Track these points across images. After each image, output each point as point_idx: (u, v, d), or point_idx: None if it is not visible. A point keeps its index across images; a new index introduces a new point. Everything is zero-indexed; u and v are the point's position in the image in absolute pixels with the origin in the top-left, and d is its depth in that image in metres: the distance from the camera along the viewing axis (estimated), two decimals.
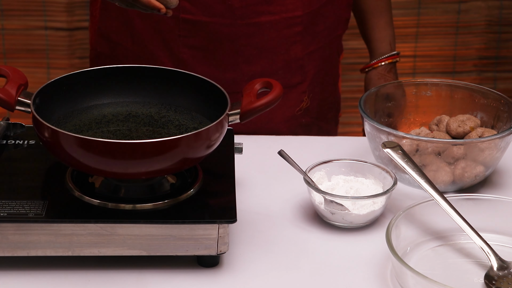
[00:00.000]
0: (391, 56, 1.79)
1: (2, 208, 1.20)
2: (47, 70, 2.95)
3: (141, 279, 1.21)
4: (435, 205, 1.28)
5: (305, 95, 1.71)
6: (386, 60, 1.78)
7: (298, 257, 1.27)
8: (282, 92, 1.27)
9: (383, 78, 1.78)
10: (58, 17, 2.90)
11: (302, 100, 1.71)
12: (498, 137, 1.40)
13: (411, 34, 3.00)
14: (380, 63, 1.78)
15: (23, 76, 1.28)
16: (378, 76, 1.78)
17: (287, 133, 1.70)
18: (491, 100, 1.53)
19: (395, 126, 1.56)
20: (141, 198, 1.24)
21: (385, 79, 1.78)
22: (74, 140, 1.17)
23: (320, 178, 1.38)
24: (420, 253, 1.27)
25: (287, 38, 1.64)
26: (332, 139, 1.63)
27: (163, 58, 1.65)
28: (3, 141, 1.39)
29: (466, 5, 2.97)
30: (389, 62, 1.79)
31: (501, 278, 1.20)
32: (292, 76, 1.68)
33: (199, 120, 1.34)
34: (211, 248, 1.21)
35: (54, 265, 1.23)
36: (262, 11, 1.61)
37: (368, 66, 1.80)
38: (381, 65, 1.78)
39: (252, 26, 1.61)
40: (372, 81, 1.79)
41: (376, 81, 1.78)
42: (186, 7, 1.60)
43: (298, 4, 1.62)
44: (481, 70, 3.06)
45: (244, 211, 1.36)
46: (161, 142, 1.17)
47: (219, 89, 1.31)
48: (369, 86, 1.80)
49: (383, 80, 1.78)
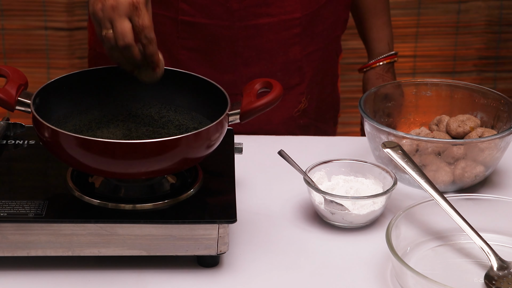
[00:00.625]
0: (389, 56, 1.79)
1: (2, 208, 1.20)
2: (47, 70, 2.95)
3: (141, 279, 1.21)
4: (435, 205, 1.28)
5: (303, 96, 1.71)
6: (384, 60, 1.79)
7: (298, 257, 1.26)
8: (282, 92, 1.27)
9: (381, 78, 1.78)
10: (58, 17, 2.90)
11: (300, 102, 1.71)
12: (498, 137, 1.40)
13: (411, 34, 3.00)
14: (378, 63, 1.79)
15: (23, 76, 1.28)
16: (376, 76, 1.79)
17: (285, 135, 1.70)
18: (491, 100, 1.53)
19: (395, 126, 1.56)
20: (141, 198, 1.24)
21: (383, 79, 1.78)
22: (74, 140, 1.17)
23: (320, 178, 1.38)
24: (420, 253, 1.27)
25: (286, 40, 1.64)
26: (332, 139, 1.63)
27: None
28: (3, 141, 1.39)
29: (466, 5, 2.97)
30: (387, 62, 1.79)
31: (501, 278, 1.20)
32: (290, 77, 1.68)
33: (199, 120, 1.34)
34: (211, 248, 1.21)
35: (54, 265, 1.22)
36: (261, 13, 1.60)
37: (366, 66, 1.80)
38: (379, 65, 1.79)
39: (251, 28, 1.61)
40: (370, 81, 1.80)
41: (374, 81, 1.79)
42: (185, 9, 1.60)
43: (297, 6, 1.62)
44: (481, 70, 3.06)
45: (244, 211, 1.36)
46: (161, 142, 1.17)
47: (219, 89, 1.31)
48: (367, 86, 1.80)
49: (381, 80, 1.78)
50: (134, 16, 1.23)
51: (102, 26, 1.24)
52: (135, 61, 1.25)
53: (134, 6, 1.23)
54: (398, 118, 1.58)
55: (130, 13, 1.23)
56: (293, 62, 1.67)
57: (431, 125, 1.53)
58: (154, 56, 1.26)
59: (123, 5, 1.22)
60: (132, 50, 1.24)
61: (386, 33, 1.80)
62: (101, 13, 1.23)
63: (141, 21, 1.23)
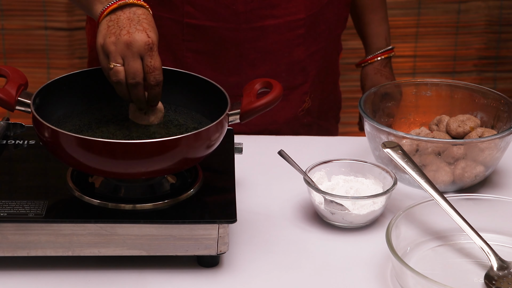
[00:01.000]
0: (387, 51, 1.81)
1: (2, 208, 1.20)
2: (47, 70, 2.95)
3: (141, 279, 1.21)
4: (435, 205, 1.27)
5: (307, 95, 1.72)
6: (382, 55, 1.81)
7: (298, 257, 1.26)
8: (282, 92, 1.27)
9: (379, 73, 1.80)
10: (58, 17, 2.90)
11: (304, 101, 1.72)
12: (498, 137, 1.40)
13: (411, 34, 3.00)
14: (376, 58, 1.81)
15: (23, 76, 1.28)
16: (375, 71, 1.81)
17: (290, 134, 1.70)
18: (491, 100, 1.53)
19: (395, 126, 1.56)
20: (141, 198, 1.24)
21: (381, 74, 1.80)
22: (74, 140, 1.17)
23: (320, 178, 1.38)
24: (420, 253, 1.27)
25: (291, 40, 1.64)
26: (332, 139, 1.63)
27: (167, 62, 1.64)
28: (3, 141, 1.39)
29: (466, 5, 2.97)
30: (385, 57, 1.81)
31: (501, 278, 1.20)
32: (295, 77, 1.69)
33: (199, 120, 1.34)
34: (211, 248, 1.21)
35: (54, 265, 1.22)
36: (266, 15, 1.61)
37: (364, 61, 1.82)
38: (377, 60, 1.81)
39: (257, 30, 1.61)
40: (368, 76, 1.81)
41: (373, 76, 1.80)
42: (190, 12, 1.59)
43: (301, 7, 1.62)
44: (481, 70, 3.06)
45: (244, 211, 1.36)
46: (161, 142, 1.17)
47: (219, 89, 1.31)
48: (365, 81, 1.82)
49: (379, 75, 1.79)
50: (147, 57, 1.24)
51: (111, 58, 1.24)
52: (139, 99, 1.27)
53: (149, 47, 1.24)
54: (398, 118, 1.58)
55: (143, 52, 1.24)
56: (297, 63, 1.67)
57: (431, 125, 1.53)
58: (158, 97, 1.28)
59: (138, 43, 1.23)
60: (140, 88, 1.25)
61: (384, 28, 1.82)
62: (113, 47, 1.23)
63: (154, 63, 1.24)
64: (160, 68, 1.25)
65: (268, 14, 1.61)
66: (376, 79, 1.79)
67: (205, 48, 1.63)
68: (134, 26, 1.24)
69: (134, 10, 1.27)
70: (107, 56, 1.25)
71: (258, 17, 1.61)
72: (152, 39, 1.24)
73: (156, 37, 1.25)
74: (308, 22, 1.65)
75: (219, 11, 1.59)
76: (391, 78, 1.81)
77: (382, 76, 1.79)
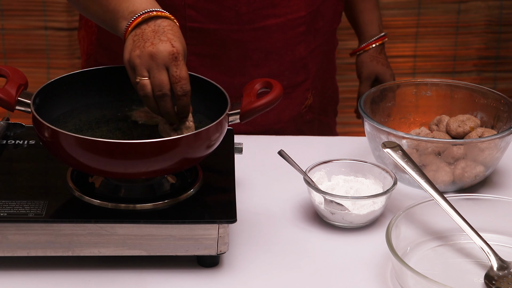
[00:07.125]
0: (381, 37, 1.85)
1: (2, 208, 1.20)
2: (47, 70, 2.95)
3: (141, 279, 1.21)
4: (435, 205, 1.28)
5: (309, 92, 1.73)
6: (377, 42, 1.85)
7: (298, 257, 1.27)
8: (282, 92, 1.27)
9: (375, 60, 1.84)
10: (58, 17, 2.90)
11: (307, 98, 1.72)
12: (498, 137, 1.40)
13: (411, 34, 3.00)
14: (371, 45, 1.85)
15: (23, 76, 1.28)
16: (370, 58, 1.85)
17: (294, 132, 1.71)
18: (491, 100, 1.53)
19: (395, 126, 1.56)
20: (141, 198, 1.24)
21: (377, 61, 1.84)
22: (74, 140, 1.17)
23: (320, 178, 1.38)
24: (420, 253, 1.27)
25: (292, 38, 1.65)
26: (332, 139, 1.63)
27: None
28: (3, 141, 1.39)
29: (466, 5, 2.97)
30: (379, 43, 1.85)
31: (501, 278, 1.20)
32: (297, 75, 1.69)
33: (199, 120, 1.34)
34: (211, 248, 1.21)
35: (54, 265, 1.23)
36: (268, 14, 1.61)
37: (359, 49, 1.85)
38: (372, 47, 1.85)
39: (259, 30, 1.62)
40: (364, 63, 1.85)
41: (369, 63, 1.84)
42: (193, 15, 1.59)
43: (301, 5, 1.63)
44: (481, 70, 3.06)
45: (244, 211, 1.36)
46: (161, 142, 1.17)
47: (219, 89, 1.31)
48: (362, 68, 1.86)
49: (375, 62, 1.84)
50: (172, 67, 1.21)
51: (137, 73, 1.22)
52: (168, 112, 1.24)
53: (174, 56, 1.21)
54: (398, 118, 1.58)
55: (169, 63, 1.21)
56: (299, 60, 1.68)
57: (431, 125, 1.53)
58: (186, 107, 1.24)
59: (162, 54, 1.21)
60: (168, 100, 1.23)
61: (376, 15, 1.85)
62: (138, 60, 1.21)
63: (179, 72, 1.22)
64: (186, 78, 1.22)
65: (270, 13, 1.61)
66: (372, 66, 1.83)
67: (208, 50, 1.63)
68: (159, 37, 1.22)
69: (159, 22, 1.24)
70: (134, 70, 1.23)
71: (261, 17, 1.61)
72: (177, 48, 1.21)
73: (182, 47, 1.22)
74: (308, 20, 1.66)
75: (221, 13, 1.59)
76: (386, 64, 1.84)
77: (378, 63, 1.84)
